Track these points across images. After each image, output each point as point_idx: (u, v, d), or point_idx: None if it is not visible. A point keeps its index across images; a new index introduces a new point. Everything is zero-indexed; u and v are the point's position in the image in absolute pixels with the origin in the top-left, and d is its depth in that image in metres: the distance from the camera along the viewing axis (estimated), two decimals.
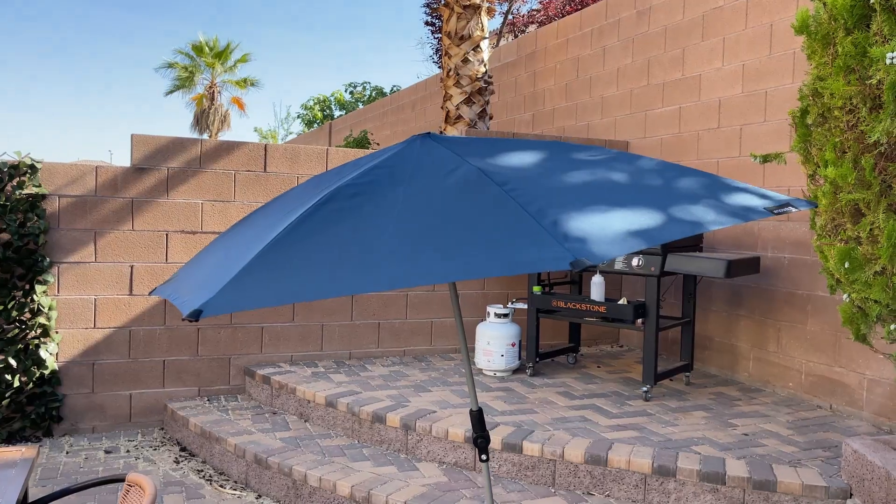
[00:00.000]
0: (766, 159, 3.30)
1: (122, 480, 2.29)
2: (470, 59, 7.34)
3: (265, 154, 5.52)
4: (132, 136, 5.18)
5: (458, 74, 7.35)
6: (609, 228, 1.24)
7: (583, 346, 6.59)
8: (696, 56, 5.93)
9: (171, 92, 30.89)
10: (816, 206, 1.54)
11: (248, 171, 5.48)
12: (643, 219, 1.29)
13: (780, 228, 5.10)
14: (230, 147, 5.45)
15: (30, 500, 2.45)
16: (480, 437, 1.91)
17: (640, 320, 4.84)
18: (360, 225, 1.29)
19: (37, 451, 2.45)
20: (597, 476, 3.74)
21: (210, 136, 29.53)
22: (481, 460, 1.93)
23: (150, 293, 1.77)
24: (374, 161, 1.53)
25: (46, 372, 4.93)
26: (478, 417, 1.94)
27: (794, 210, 1.50)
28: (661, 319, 5.24)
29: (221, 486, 4.31)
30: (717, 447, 3.90)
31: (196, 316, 1.15)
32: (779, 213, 1.47)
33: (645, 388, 4.75)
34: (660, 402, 4.77)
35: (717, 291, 5.67)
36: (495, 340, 5.29)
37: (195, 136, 30.06)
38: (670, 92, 6.19)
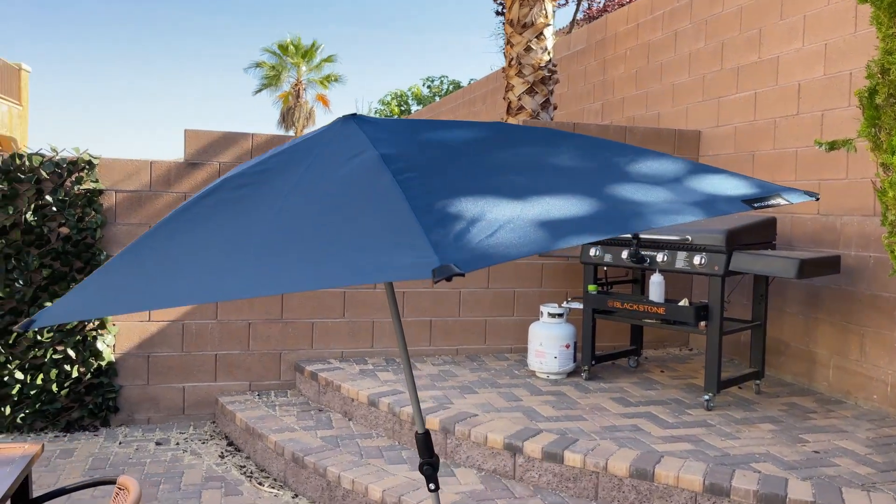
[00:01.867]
0: (832, 146, 2.93)
1: (114, 483, 2.23)
2: (532, 47, 7.07)
3: None
4: (185, 131, 5.23)
5: (520, 63, 7.09)
6: (511, 229, 1.02)
7: (648, 348, 6.23)
8: (773, 36, 5.46)
9: (260, 91, 31.82)
10: (817, 198, 1.25)
11: None
12: (564, 217, 1.06)
13: (865, 224, 4.62)
14: (281, 141, 5.42)
15: (32, 495, 2.43)
16: (426, 465, 1.71)
17: (703, 323, 4.49)
18: (229, 223, 1.13)
19: (40, 448, 2.42)
20: (642, 492, 3.46)
21: (295, 133, 30.26)
22: (430, 490, 1.73)
23: None
24: (285, 146, 1.36)
25: (103, 363, 5.05)
26: (423, 441, 1.74)
27: (784, 203, 1.23)
28: (728, 322, 4.85)
29: (260, 483, 4.28)
30: (781, 465, 3.54)
31: (25, 327, 1.02)
32: (761, 207, 1.20)
33: (706, 397, 4.40)
34: (723, 411, 4.40)
35: (792, 292, 5.21)
36: (548, 341, 5.05)
37: (282, 132, 30.86)
38: (745, 76, 5.74)
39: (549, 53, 7.22)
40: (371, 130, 1.36)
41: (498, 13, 16.70)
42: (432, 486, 1.73)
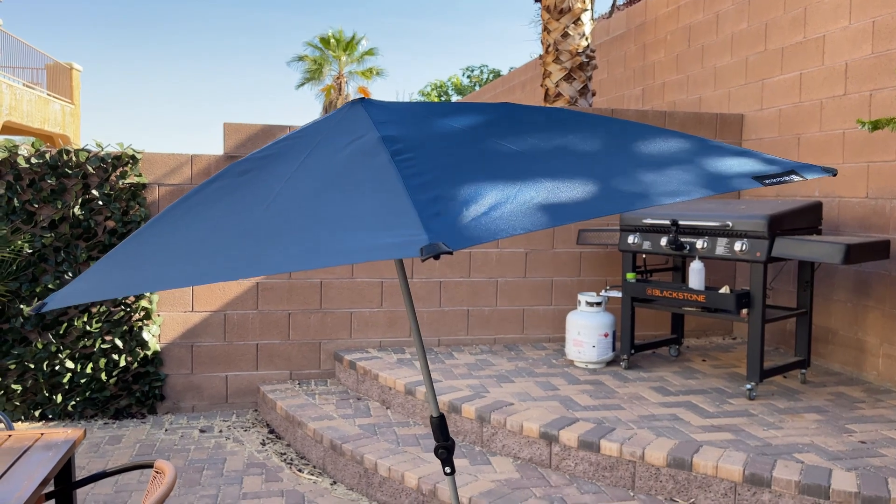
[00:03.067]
0: (875, 126, 2.82)
1: (151, 467, 2.29)
2: (570, 32, 6.97)
3: None
4: (224, 124, 5.32)
5: (557, 50, 7.01)
6: (506, 208, 1.00)
7: (690, 337, 6.13)
8: (819, 15, 5.29)
9: (302, 84, 32.13)
10: (834, 173, 1.20)
11: None
12: (557, 196, 1.04)
13: None
14: None
15: (75, 478, 2.52)
16: (442, 448, 1.71)
17: (744, 311, 4.39)
18: (228, 208, 1.14)
19: (82, 433, 2.50)
20: (680, 481, 3.41)
21: None
22: (445, 473, 1.73)
23: None
24: (293, 132, 1.37)
25: (149, 353, 5.19)
26: (438, 425, 1.73)
27: (796, 179, 1.18)
28: (771, 310, 4.73)
29: (300, 470, 4.35)
30: (826, 456, 3.45)
31: (37, 310, 1.05)
32: (773, 183, 1.15)
33: (749, 386, 4.31)
34: (766, 401, 4.31)
35: (840, 279, 5.05)
36: (586, 330, 5.00)
37: None
38: (790, 57, 5.57)
39: (586, 39, 7.12)
40: (376, 114, 1.36)
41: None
42: (448, 469, 1.72)
